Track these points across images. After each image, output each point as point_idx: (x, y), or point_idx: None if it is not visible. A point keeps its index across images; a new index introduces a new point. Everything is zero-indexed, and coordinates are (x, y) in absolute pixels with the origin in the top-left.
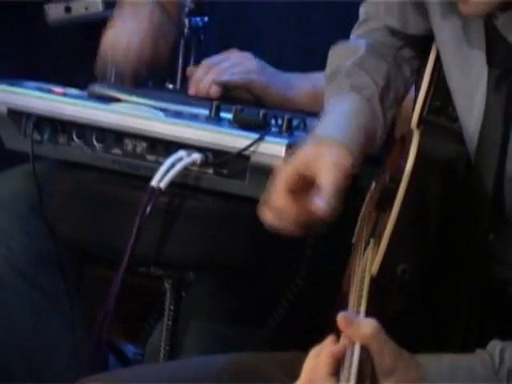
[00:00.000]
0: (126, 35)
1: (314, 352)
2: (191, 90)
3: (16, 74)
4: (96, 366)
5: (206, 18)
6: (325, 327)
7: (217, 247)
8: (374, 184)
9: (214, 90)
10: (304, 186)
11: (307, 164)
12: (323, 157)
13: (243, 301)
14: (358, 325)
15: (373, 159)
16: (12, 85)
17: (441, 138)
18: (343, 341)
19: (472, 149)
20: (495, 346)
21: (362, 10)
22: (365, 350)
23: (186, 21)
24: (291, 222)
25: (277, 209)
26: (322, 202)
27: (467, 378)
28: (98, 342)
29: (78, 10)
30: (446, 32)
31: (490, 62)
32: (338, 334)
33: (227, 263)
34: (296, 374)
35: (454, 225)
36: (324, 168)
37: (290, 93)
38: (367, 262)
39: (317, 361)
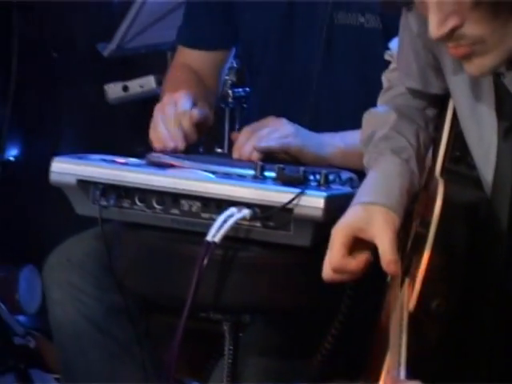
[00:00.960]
0: (172, 140)
1: None
2: (235, 155)
3: (82, 148)
4: None
5: (247, 89)
6: (366, 357)
7: (268, 292)
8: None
9: (255, 156)
10: (358, 243)
11: (363, 229)
12: (378, 224)
13: (293, 337)
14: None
15: None
16: (80, 158)
17: (463, 185)
18: None
19: (489, 192)
20: None
21: (384, 79)
22: None
23: (230, 92)
24: (350, 276)
25: (338, 268)
26: (393, 268)
27: None
28: (167, 381)
29: (134, 88)
30: (460, 90)
31: (499, 115)
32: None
33: (278, 306)
34: None
35: (476, 261)
36: (383, 236)
37: (324, 152)
38: (404, 299)
39: None
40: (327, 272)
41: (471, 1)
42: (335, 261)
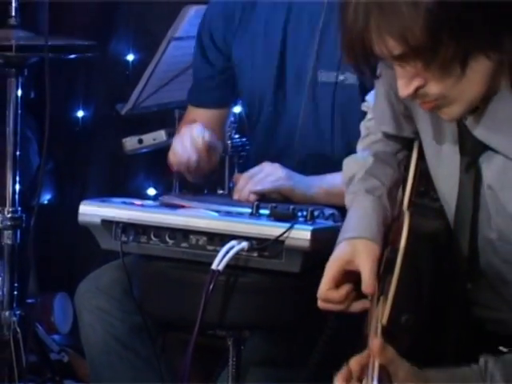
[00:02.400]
0: (186, 153)
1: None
2: (235, 197)
3: (106, 192)
4: None
5: (244, 139)
6: None
7: (265, 311)
8: None
9: (252, 198)
10: (346, 274)
11: (350, 261)
12: (361, 254)
13: (287, 348)
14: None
15: None
16: (103, 201)
17: (426, 216)
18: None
19: (452, 220)
20: (482, 358)
21: (362, 127)
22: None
23: (229, 143)
24: (336, 305)
25: (324, 299)
26: (370, 290)
27: (461, 380)
28: None
29: (148, 140)
30: (427, 133)
31: (462, 152)
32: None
33: (273, 323)
34: None
35: (441, 279)
36: (364, 264)
37: (311, 192)
38: (379, 315)
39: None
40: (319, 302)
41: (422, 64)
42: (321, 293)
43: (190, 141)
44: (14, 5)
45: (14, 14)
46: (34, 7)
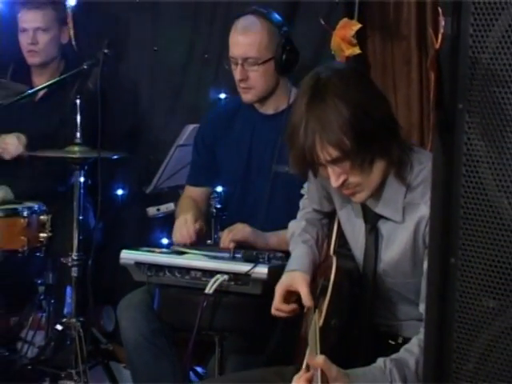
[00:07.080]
0: (183, 240)
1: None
2: (221, 246)
3: (136, 242)
4: (185, 379)
5: (219, 206)
6: (293, 353)
7: (238, 319)
8: None
9: (231, 246)
10: (290, 293)
11: (291, 285)
12: (298, 281)
13: (253, 343)
14: (315, 360)
15: None
16: (135, 249)
17: (346, 259)
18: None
19: (359, 263)
20: (380, 359)
21: (300, 203)
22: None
23: (214, 210)
24: (286, 314)
25: (277, 309)
26: (309, 303)
27: (371, 377)
28: (185, 367)
29: (163, 209)
30: (341, 209)
31: (365, 221)
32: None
33: (244, 326)
34: (283, 378)
35: (357, 300)
36: (301, 287)
37: (267, 242)
38: (316, 320)
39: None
40: (272, 311)
41: (349, 164)
42: (275, 305)
43: (185, 231)
44: (79, 132)
45: (78, 135)
46: (91, 126)
